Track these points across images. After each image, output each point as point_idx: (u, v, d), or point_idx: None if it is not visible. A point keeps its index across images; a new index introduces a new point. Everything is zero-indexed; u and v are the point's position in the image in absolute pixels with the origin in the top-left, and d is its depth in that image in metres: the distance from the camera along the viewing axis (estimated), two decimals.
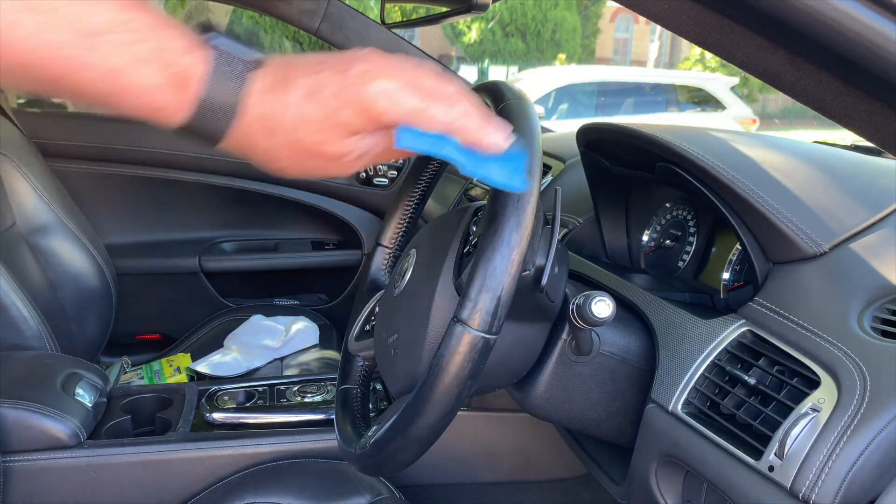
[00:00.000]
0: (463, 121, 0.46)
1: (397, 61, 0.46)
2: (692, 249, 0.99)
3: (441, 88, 0.46)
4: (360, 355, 0.88)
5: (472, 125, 0.46)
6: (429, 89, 0.45)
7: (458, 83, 0.48)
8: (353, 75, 0.44)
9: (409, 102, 0.44)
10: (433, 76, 0.46)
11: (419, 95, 0.45)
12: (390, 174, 1.95)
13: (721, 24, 0.63)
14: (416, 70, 0.46)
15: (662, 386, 0.76)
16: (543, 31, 14.97)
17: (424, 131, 0.47)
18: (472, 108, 0.46)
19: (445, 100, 0.46)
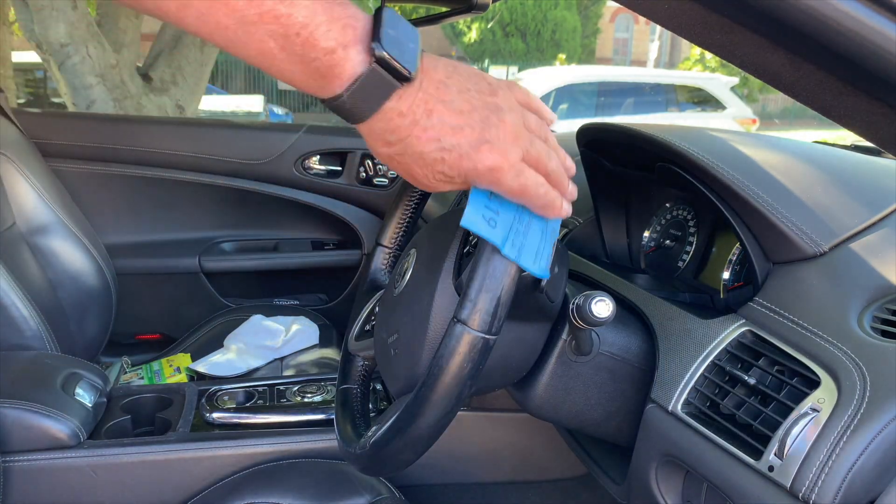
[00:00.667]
0: (545, 203, 0.53)
1: (523, 121, 0.51)
2: (692, 249, 0.99)
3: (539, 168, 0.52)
4: (360, 355, 0.88)
5: (550, 206, 0.54)
6: (526, 178, 0.51)
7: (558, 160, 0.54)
8: (483, 148, 0.49)
9: (505, 186, 0.51)
10: (538, 148, 0.52)
11: (518, 180, 0.51)
12: (390, 174, 1.95)
13: (721, 24, 0.63)
14: (530, 142, 0.51)
15: (662, 386, 0.76)
16: (543, 31, 14.97)
17: (489, 213, 0.53)
18: (553, 193, 0.53)
19: (537, 186, 0.52)
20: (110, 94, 3.35)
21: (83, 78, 3.27)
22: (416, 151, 0.48)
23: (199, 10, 0.43)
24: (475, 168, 0.49)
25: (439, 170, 0.49)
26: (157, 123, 2.02)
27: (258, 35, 0.44)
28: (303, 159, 1.91)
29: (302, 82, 0.46)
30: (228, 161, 1.88)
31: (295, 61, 0.45)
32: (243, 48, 0.45)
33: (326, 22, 0.44)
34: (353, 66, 0.45)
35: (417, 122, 0.47)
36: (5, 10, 3.97)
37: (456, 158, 0.48)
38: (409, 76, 0.46)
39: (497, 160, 0.49)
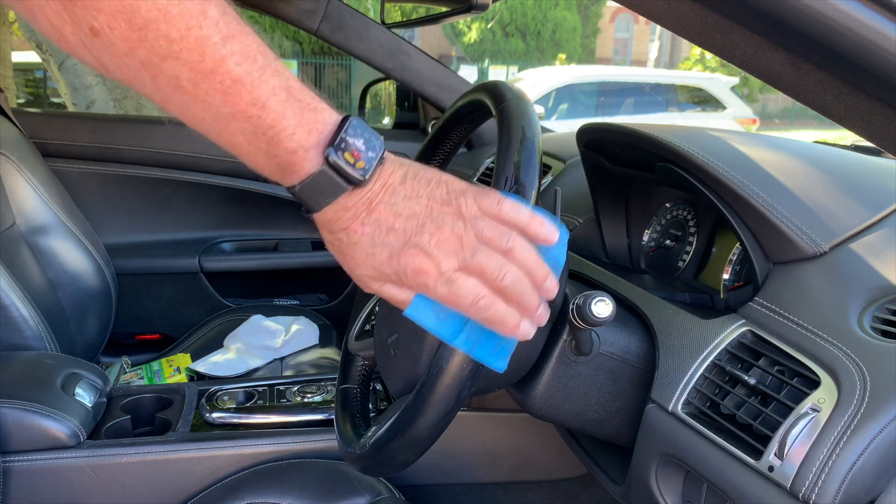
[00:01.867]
0: (482, 315, 0.52)
1: (460, 236, 0.51)
2: (692, 249, 0.99)
3: (483, 274, 0.51)
4: (359, 355, 0.88)
5: (495, 318, 0.52)
6: (456, 288, 0.51)
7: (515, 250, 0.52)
8: (408, 252, 0.50)
9: (438, 293, 0.51)
10: (484, 260, 0.51)
11: (449, 293, 0.51)
12: None
13: (721, 24, 0.63)
14: (472, 254, 0.51)
15: (662, 386, 0.76)
16: (543, 30, 14.97)
17: (441, 309, 0.52)
18: (495, 307, 0.51)
19: (470, 299, 0.51)
20: (110, 94, 3.35)
21: (83, 78, 3.27)
22: (353, 242, 0.51)
23: (180, 103, 0.48)
24: (403, 270, 0.51)
25: (371, 266, 0.52)
26: (157, 123, 2.02)
27: (230, 129, 0.49)
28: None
29: (265, 171, 0.51)
30: (228, 161, 1.88)
31: (260, 155, 0.50)
32: (217, 139, 0.50)
33: (293, 125, 0.49)
34: (309, 166, 0.50)
35: (357, 216, 0.51)
36: (5, 10, 3.98)
37: (386, 256, 0.51)
38: (358, 181, 0.50)
39: (422, 264, 0.50)
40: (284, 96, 0.48)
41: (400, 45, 1.77)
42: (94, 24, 0.44)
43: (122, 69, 0.47)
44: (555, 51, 14.89)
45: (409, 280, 0.51)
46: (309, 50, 12.89)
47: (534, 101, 2.31)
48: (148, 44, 0.45)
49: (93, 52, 0.46)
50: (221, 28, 0.46)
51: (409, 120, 2.11)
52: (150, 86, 0.48)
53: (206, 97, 0.47)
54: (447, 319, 0.53)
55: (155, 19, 0.44)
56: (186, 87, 0.47)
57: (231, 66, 0.46)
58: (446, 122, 0.82)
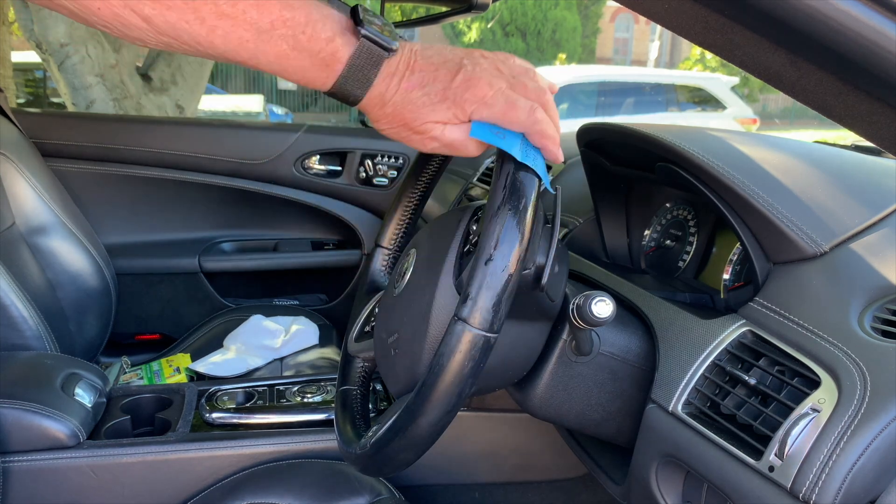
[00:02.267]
0: (538, 127, 0.57)
1: (496, 65, 0.57)
2: (692, 249, 0.99)
3: (527, 95, 0.57)
4: (359, 356, 0.88)
5: (548, 132, 0.58)
6: (513, 99, 0.56)
7: (544, 88, 0.59)
8: (458, 81, 0.56)
9: (497, 106, 0.56)
10: (525, 81, 0.58)
11: (507, 104, 0.56)
12: (390, 174, 1.95)
13: (721, 23, 0.63)
14: (511, 76, 0.57)
15: (663, 386, 0.76)
16: (543, 30, 14.97)
17: (498, 129, 0.57)
18: (546, 119, 0.58)
19: (527, 109, 0.57)
20: (110, 93, 3.35)
21: (83, 78, 3.27)
22: (406, 101, 0.56)
23: (223, 30, 0.51)
24: (460, 97, 0.56)
25: (430, 109, 0.56)
26: (156, 123, 2.02)
27: (273, 41, 0.53)
28: (302, 159, 1.91)
29: (311, 76, 0.55)
30: (228, 161, 1.88)
31: (304, 56, 0.54)
32: (263, 56, 0.53)
33: (321, 19, 0.54)
34: (348, 49, 0.54)
35: (402, 76, 0.56)
36: (5, 10, 3.97)
37: (440, 93, 0.56)
38: (393, 48, 0.55)
39: (476, 85, 0.56)
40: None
41: None
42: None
43: (165, 13, 0.50)
44: (555, 51, 14.89)
45: (467, 105, 0.56)
46: None
47: None
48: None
49: (135, 6, 0.49)
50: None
51: None
52: (194, 22, 0.50)
53: (245, 14, 0.51)
54: (505, 137, 0.58)
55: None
56: (227, 9, 0.50)
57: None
58: None
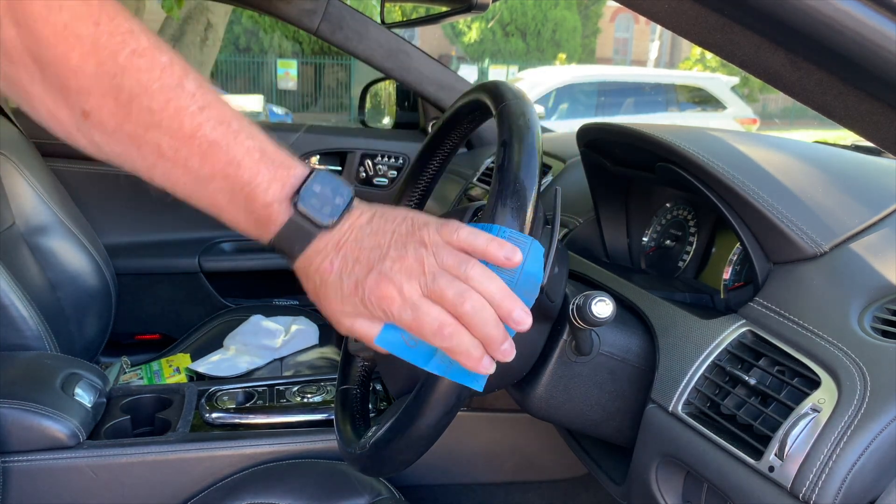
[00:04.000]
0: (445, 345, 0.52)
1: (422, 259, 0.52)
2: (692, 249, 0.99)
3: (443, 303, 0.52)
4: (359, 356, 0.88)
5: (459, 349, 0.52)
6: (421, 313, 0.52)
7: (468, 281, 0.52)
8: (371, 279, 0.52)
9: (403, 320, 0.52)
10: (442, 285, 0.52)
11: (414, 317, 0.52)
12: (390, 174, 1.95)
13: (721, 24, 0.63)
14: (432, 277, 0.52)
15: (662, 386, 0.76)
16: (543, 30, 14.98)
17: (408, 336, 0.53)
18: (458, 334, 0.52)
19: (435, 327, 0.52)
20: None
21: None
22: (324, 282, 0.54)
23: (164, 170, 0.53)
24: (368, 297, 0.52)
25: (340, 300, 0.54)
26: None
27: (210, 190, 0.53)
28: (302, 159, 1.91)
29: (246, 228, 0.56)
30: None
31: (239, 212, 0.54)
32: (198, 201, 0.55)
33: (268, 181, 0.53)
34: (283, 217, 0.54)
35: (327, 256, 0.54)
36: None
37: (352, 287, 0.53)
38: (326, 225, 0.54)
39: (385, 289, 0.52)
40: (258, 156, 0.53)
41: (400, 45, 1.77)
42: (86, 106, 0.50)
43: (111, 144, 0.52)
44: (555, 51, 14.90)
45: (375, 307, 0.53)
46: (309, 50, 12.89)
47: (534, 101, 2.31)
48: (133, 117, 0.50)
49: (85, 133, 0.52)
50: (197, 98, 0.51)
51: (409, 120, 2.11)
52: (136, 157, 0.53)
53: (186, 161, 0.52)
54: (417, 346, 0.54)
55: (138, 94, 0.50)
56: (168, 153, 0.52)
57: (207, 131, 0.51)
58: (446, 122, 0.82)
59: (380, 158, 1.95)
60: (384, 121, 3.09)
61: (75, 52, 0.48)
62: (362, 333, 0.55)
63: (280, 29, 12.82)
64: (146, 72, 0.50)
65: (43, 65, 0.49)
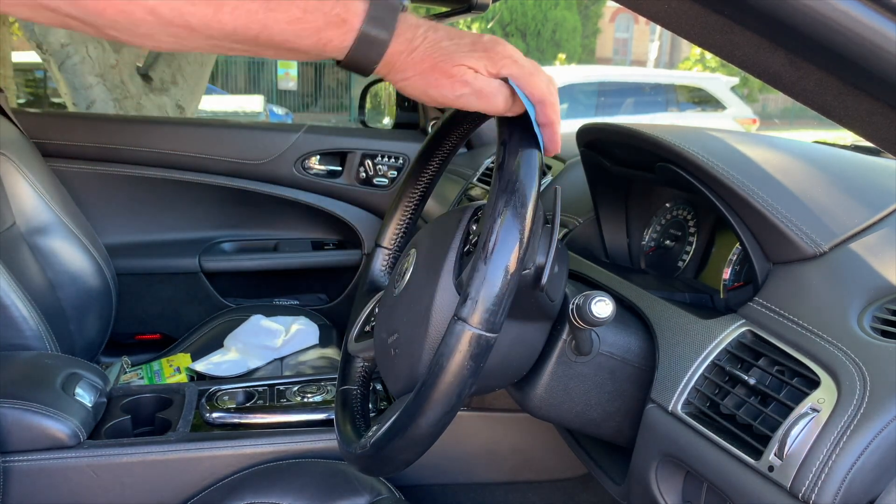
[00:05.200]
0: (552, 98, 0.61)
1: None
2: (692, 249, 0.99)
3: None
4: (360, 356, 0.88)
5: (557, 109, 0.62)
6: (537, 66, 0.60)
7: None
8: (486, 38, 0.57)
9: (525, 67, 0.58)
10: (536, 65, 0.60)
11: (532, 67, 0.59)
12: (390, 174, 1.95)
13: (721, 24, 0.63)
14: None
15: (662, 386, 0.76)
16: (543, 30, 14.97)
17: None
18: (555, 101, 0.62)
19: (547, 80, 0.61)
20: (110, 94, 3.35)
21: (83, 78, 3.27)
22: (436, 47, 0.56)
23: (231, 4, 0.51)
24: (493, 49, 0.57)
25: (463, 61, 0.56)
26: (156, 123, 2.02)
27: (282, 6, 0.52)
28: (303, 159, 1.91)
29: (327, 35, 0.54)
30: (228, 161, 1.88)
31: (318, 16, 0.53)
32: (275, 24, 0.53)
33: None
34: (361, 7, 0.54)
35: (427, 28, 0.56)
36: None
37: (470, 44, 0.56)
38: (404, 4, 0.55)
39: (505, 45, 0.58)
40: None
41: None
42: None
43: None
44: (555, 51, 14.89)
45: (498, 57, 0.57)
46: None
47: None
48: None
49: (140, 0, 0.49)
50: None
51: (409, 120, 2.12)
52: (199, 2, 0.50)
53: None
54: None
55: None
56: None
57: None
58: (446, 122, 0.82)
59: (380, 158, 1.95)
60: (384, 121, 3.09)
61: None
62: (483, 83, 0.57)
63: None
64: None
65: None
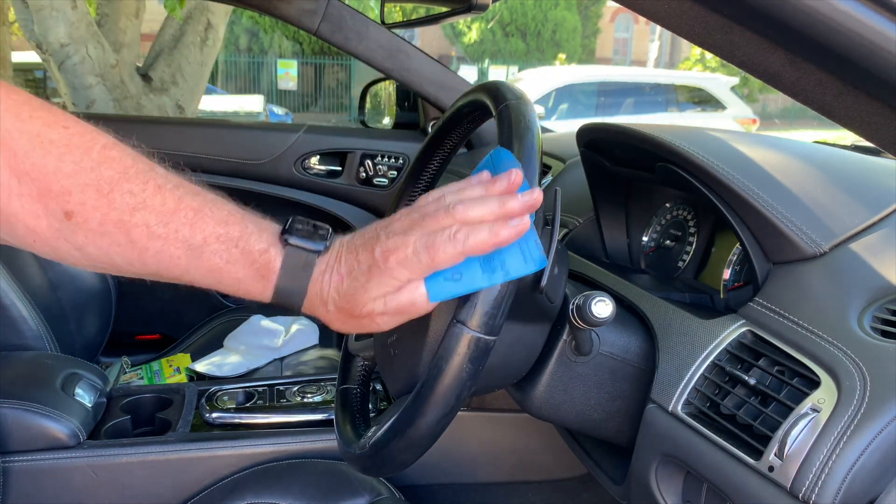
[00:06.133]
0: (470, 243, 0.54)
1: (404, 223, 0.56)
2: (692, 249, 0.99)
3: (440, 224, 0.54)
4: (359, 355, 0.88)
5: (481, 237, 0.54)
6: (431, 241, 0.54)
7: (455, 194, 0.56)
8: (378, 254, 0.55)
9: (420, 261, 0.54)
10: (431, 212, 0.55)
11: (428, 252, 0.54)
12: (390, 174, 1.95)
13: (721, 24, 0.63)
14: (421, 217, 0.56)
15: (662, 386, 0.76)
16: (543, 30, 14.98)
17: (447, 273, 0.55)
18: (470, 222, 0.54)
19: (446, 240, 0.54)
20: (110, 94, 3.35)
21: (83, 78, 3.27)
22: (340, 293, 0.56)
23: (157, 250, 0.53)
24: (387, 267, 0.54)
25: (366, 290, 0.55)
26: (156, 123, 2.02)
27: (206, 256, 0.54)
28: (303, 159, 1.91)
29: (248, 287, 0.56)
30: (228, 161, 1.88)
31: (239, 269, 0.55)
32: (196, 271, 0.55)
33: (255, 232, 0.56)
34: (279, 258, 0.56)
35: (332, 270, 0.57)
36: (5, 10, 3.97)
37: (366, 273, 0.55)
38: (320, 250, 0.57)
39: (395, 249, 0.54)
40: (240, 215, 0.56)
41: (400, 45, 1.77)
42: (68, 206, 0.51)
43: (97, 240, 0.53)
44: (555, 51, 14.90)
45: (396, 271, 0.54)
46: (309, 50, 12.90)
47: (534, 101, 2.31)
48: (117, 203, 0.52)
49: (68, 237, 0.52)
50: (170, 178, 0.55)
51: (409, 120, 2.11)
52: (125, 245, 0.53)
53: (177, 233, 0.53)
54: (462, 276, 0.55)
55: (117, 181, 0.52)
56: (158, 230, 0.53)
57: (189, 202, 0.54)
58: (446, 122, 0.82)
59: (380, 158, 1.95)
60: (384, 121, 3.09)
61: (51, 155, 0.50)
62: (396, 303, 0.56)
63: (280, 29, 12.82)
64: (119, 160, 0.53)
65: (20, 175, 0.50)
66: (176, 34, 3.71)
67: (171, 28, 3.76)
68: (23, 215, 0.51)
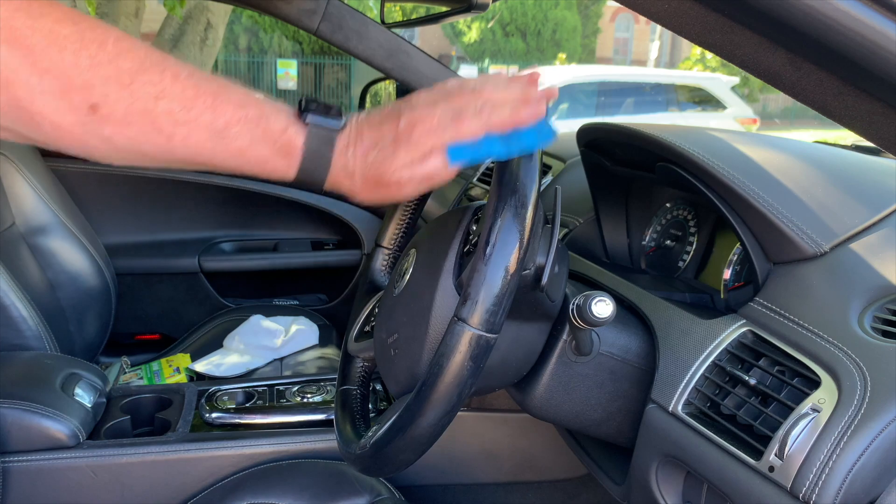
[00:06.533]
0: (493, 119, 0.58)
1: (429, 97, 0.59)
2: (692, 249, 0.99)
3: (467, 101, 0.58)
4: (359, 356, 0.88)
5: (503, 115, 0.58)
6: (458, 111, 0.58)
7: (483, 81, 0.60)
8: (403, 125, 0.58)
9: (446, 131, 0.57)
10: (457, 91, 0.59)
11: (454, 120, 0.57)
12: None
13: (721, 24, 0.63)
14: (446, 95, 0.59)
15: (663, 386, 0.76)
16: (543, 30, 14.98)
17: (469, 142, 0.57)
18: (498, 104, 0.58)
19: (472, 112, 0.58)
20: None
21: None
22: (367, 164, 0.58)
23: (183, 136, 0.54)
24: (414, 136, 0.57)
25: (397, 161, 0.57)
26: None
27: (230, 139, 0.55)
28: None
29: (273, 165, 0.58)
30: None
31: (263, 148, 0.57)
32: (222, 154, 0.56)
33: (273, 112, 0.57)
34: (301, 136, 0.57)
35: (355, 144, 0.59)
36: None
37: (392, 144, 0.58)
38: (338, 127, 0.58)
39: (420, 120, 0.57)
40: (256, 97, 0.57)
41: (400, 45, 1.77)
42: (92, 99, 0.52)
43: (124, 130, 0.53)
44: (555, 51, 14.90)
45: (422, 140, 0.57)
46: (309, 50, 12.90)
47: None
48: (139, 93, 0.52)
49: (95, 132, 0.53)
50: (182, 66, 0.55)
51: None
52: (152, 133, 0.54)
53: (199, 118, 0.54)
54: (480, 145, 0.58)
55: (136, 71, 0.52)
56: (181, 116, 0.54)
57: (206, 88, 0.55)
58: None
59: None
60: None
61: (67, 51, 0.50)
62: (424, 170, 0.58)
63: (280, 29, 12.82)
64: (134, 52, 0.53)
65: (41, 73, 0.50)
66: (176, 34, 3.71)
67: (171, 27, 3.75)
68: (48, 112, 0.52)
